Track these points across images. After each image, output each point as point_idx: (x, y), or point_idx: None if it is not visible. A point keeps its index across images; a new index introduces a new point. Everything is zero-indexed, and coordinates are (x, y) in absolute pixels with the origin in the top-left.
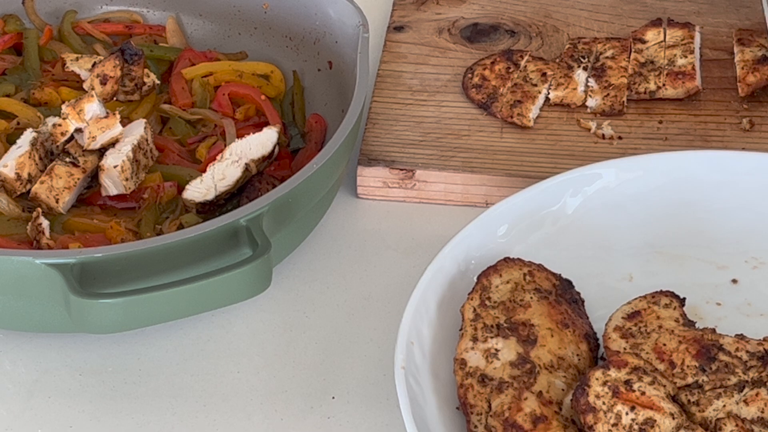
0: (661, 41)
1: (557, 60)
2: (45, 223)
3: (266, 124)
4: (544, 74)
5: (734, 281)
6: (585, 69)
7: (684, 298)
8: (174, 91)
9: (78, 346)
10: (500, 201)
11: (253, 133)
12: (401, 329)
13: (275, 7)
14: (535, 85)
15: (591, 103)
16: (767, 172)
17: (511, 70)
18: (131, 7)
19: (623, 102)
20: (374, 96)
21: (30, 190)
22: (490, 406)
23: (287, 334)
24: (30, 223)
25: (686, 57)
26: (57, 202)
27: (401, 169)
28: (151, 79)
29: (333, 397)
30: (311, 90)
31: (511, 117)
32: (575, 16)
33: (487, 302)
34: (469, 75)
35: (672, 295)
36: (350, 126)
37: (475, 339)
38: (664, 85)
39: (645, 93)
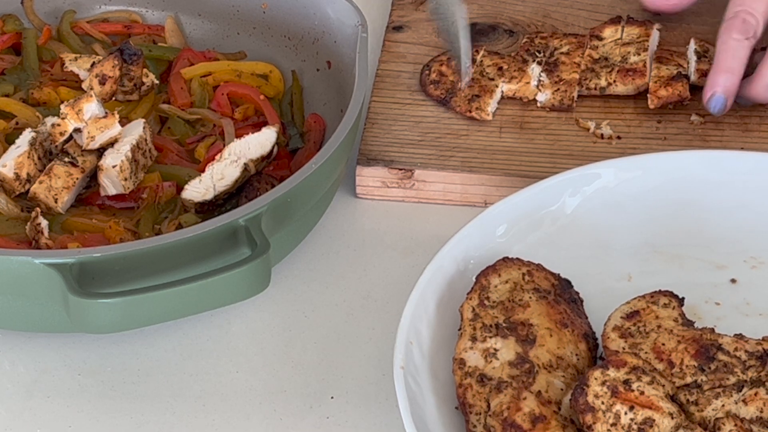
0: (618, 38)
1: (513, 54)
2: (44, 222)
3: (265, 123)
4: (500, 68)
5: (733, 281)
6: (539, 63)
7: (683, 298)
8: (173, 91)
9: (77, 346)
10: (499, 201)
11: (252, 132)
12: (400, 329)
13: (274, 6)
14: (492, 79)
15: (541, 97)
16: (766, 172)
17: None
18: (130, 7)
19: (573, 97)
20: (373, 96)
21: (29, 189)
22: (489, 406)
23: (286, 334)
24: (29, 223)
25: (639, 54)
26: (56, 201)
27: (400, 169)
28: (150, 79)
29: (332, 397)
30: (310, 90)
31: (470, 111)
32: (574, 15)
33: (486, 302)
34: (426, 72)
35: (671, 294)
36: (349, 126)
37: (474, 339)
38: (614, 81)
39: (595, 89)
